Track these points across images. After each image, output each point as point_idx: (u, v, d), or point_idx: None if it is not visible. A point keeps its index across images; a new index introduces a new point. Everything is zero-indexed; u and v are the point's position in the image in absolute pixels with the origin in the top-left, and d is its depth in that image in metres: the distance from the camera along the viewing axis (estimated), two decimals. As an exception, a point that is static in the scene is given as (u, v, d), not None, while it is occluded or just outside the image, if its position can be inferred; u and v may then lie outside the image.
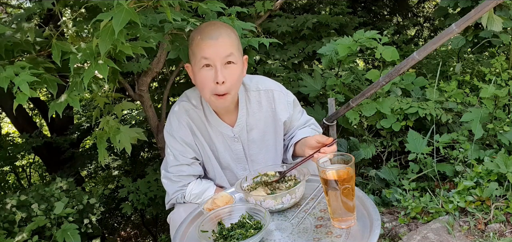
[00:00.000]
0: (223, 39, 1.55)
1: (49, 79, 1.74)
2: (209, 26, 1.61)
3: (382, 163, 2.79)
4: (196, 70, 1.60)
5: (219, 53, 1.55)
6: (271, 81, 1.81)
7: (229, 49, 1.57)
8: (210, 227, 1.40)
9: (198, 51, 1.56)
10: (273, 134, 1.80)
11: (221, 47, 1.55)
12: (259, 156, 1.82)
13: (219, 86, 1.56)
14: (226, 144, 1.77)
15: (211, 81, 1.56)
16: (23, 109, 5.64)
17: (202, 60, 1.56)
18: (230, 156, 1.80)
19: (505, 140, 2.35)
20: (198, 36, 1.58)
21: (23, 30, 1.80)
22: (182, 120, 1.72)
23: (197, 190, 1.75)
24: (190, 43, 1.63)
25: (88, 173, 6.28)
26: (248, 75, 1.78)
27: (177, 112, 1.74)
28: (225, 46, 1.56)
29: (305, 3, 5.43)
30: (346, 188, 1.27)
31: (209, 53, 1.54)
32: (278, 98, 1.77)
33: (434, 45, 2.28)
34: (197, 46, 1.57)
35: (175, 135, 1.72)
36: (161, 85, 4.49)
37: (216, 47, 1.54)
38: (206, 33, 1.56)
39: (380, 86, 2.50)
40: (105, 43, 1.42)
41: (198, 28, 1.64)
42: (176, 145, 1.73)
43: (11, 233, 2.44)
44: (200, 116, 1.73)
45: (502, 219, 1.90)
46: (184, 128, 1.72)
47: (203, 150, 1.77)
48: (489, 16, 2.33)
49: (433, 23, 6.55)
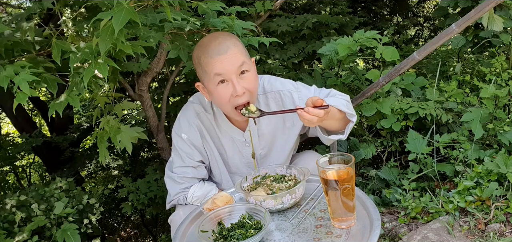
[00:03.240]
0: (232, 51, 1.52)
1: (49, 79, 1.74)
2: (213, 41, 1.55)
3: (382, 163, 2.79)
4: (212, 88, 1.55)
5: (232, 66, 1.51)
6: (278, 82, 1.77)
7: (241, 59, 1.53)
8: (210, 227, 1.40)
9: (209, 69, 1.52)
10: (283, 136, 1.78)
11: (232, 59, 1.51)
12: (268, 159, 1.80)
13: (239, 98, 1.53)
14: (236, 148, 1.75)
15: (230, 96, 1.53)
16: (23, 109, 5.64)
17: (216, 77, 1.52)
18: (239, 160, 1.78)
19: (505, 140, 2.35)
20: (205, 55, 1.52)
21: (23, 30, 1.80)
22: (193, 122, 1.70)
23: (199, 192, 1.74)
24: (197, 64, 1.58)
25: (88, 173, 6.28)
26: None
27: (187, 114, 1.72)
28: (236, 57, 1.52)
29: (305, 3, 5.43)
30: (346, 188, 1.27)
31: (222, 68, 1.50)
32: (285, 99, 1.73)
33: (434, 45, 2.28)
34: (207, 65, 1.52)
35: (184, 137, 1.70)
36: (161, 85, 4.49)
37: (227, 61, 1.50)
38: (212, 49, 1.52)
39: (380, 86, 2.50)
40: (105, 43, 1.41)
41: (200, 46, 1.58)
42: (184, 147, 1.71)
43: (11, 233, 2.43)
44: (211, 120, 1.71)
45: (502, 219, 1.90)
46: (194, 131, 1.70)
47: (211, 153, 1.76)
48: (489, 16, 2.33)
49: (433, 23, 6.55)
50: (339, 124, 1.63)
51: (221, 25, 1.85)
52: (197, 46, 1.61)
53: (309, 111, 1.38)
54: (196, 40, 2.03)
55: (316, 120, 1.39)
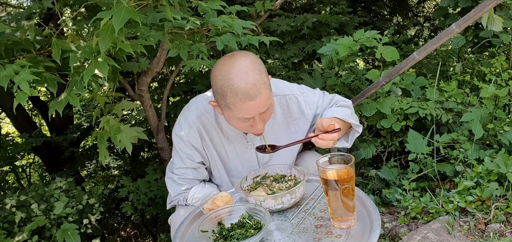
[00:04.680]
0: (261, 97, 1.43)
1: (49, 78, 1.74)
2: (244, 81, 1.40)
3: (382, 163, 2.79)
4: (232, 122, 1.52)
5: (260, 110, 1.47)
6: (285, 86, 1.74)
7: (268, 102, 1.48)
8: (210, 227, 1.40)
9: (236, 110, 1.45)
10: (288, 140, 1.73)
11: (261, 104, 1.45)
12: (271, 163, 1.78)
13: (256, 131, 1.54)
14: (238, 151, 1.74)
15: (248, 128, 1.53)
16: (23, 109, 5.64)
17: (241, 118, 1.47)
18: (241, 165, 1.76)
19: (505, 140, 2.35)
20: (234, 95, 1.41)
21: (23, 29, 1.80)
22: (193, 124, 1.68)
23: (200, 194, 1.73)
24: (220, 94, 1.45)
25: (88, 173, 6.28)
26: None
27: (188, 115, 1.70)
28: (264, 102, 1.46)
29: (305, 2, 5.43)
30: (346, 188, 1.27)
31: (249, 113, 1.45)
32: (291, 104, 1.72)
33: (434, 45, 2.28)
34: (234, 106, 1.43)
35: (184, 138, 1.68)
36: (161, 85, 4.49)
37: (257, 108, 1.45)
38: (243, 93, 1.40)
39: (380, 86, 2.50)
40: (105, 42, 1.42)
41: (227, 79, 1.42)
42: (184, 148, 1.70)
43: (11, 233, 2.43)
44: (212, 123, 1.69)
45: (502, 219, 1.90)
46: (194, 132, 1.68)
47: (211, 156, 1.74)
48: (489, 16, 2.33)
49: (433, 23, 6.55)
50: (344, 132, 1.66)
51: (221, 24, 1.85)
52: (222, 75, 1.44)
53: (324, 138, 1.44)
54: (196, 40, 2.03)
55: (332, 144, 1.46)
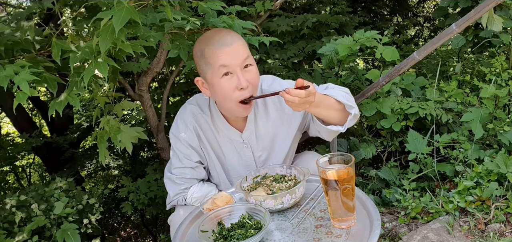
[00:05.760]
0: (237, 44, 1.52)
1: (49, 78, 1.74)
2: (218, 34, 1.55)
3: (382, 163, 2.79)
4: (215, 82, 1.54)
5: (237, 59, 1.51)
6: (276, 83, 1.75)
7: (246, 52, 1.54)
8: (210, 227, 1.40)
9: (214, 60, 1.51)
10: (282, 137, 1.76)
11: (238, 52, 1.51)
12: (268, 161, 1.79)
13: (244, 92, 1.52)
14: (235, 150, 1.74)
15: (234, 89, 1.52)
16: (23, 109, 5.64)
17: (221, 69, 1.51)
18: (238, 163, 1.77)
19: (505, 140, 2.35)
20: (210, 46, 1.52)
21: (23, 29, 1.80)
22: (189, 123, 1.70)
23: (198, 193, 1.74)
24: (200, 56, 1.56)
25: (88, 173, 6.27)
26: None
27: (184, 115, 1.72)
28: (241, 50, 1.53)
29: (305, 2, 5.43)
30: (346, 188, 1.27)
31: (228, 60, 1.50)
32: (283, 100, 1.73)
33: (434, 45, 2.28)
34: (212, 57, 1.51)
35: (181, 138, 1.70)
36: (161, 85, 4.49)
37: (233, 54, 1.50)
38: (218, 41, 1.51)
39: (380, 86, 2.50)
40: (105, 42, 1.42)
41: (203, 40, 1.57)
42: (181, 148, 1.71)
43: (11, 233, 2.43)
44: (208, 122, 1.70)
45: (502, 219, 1.90)
46: (191, 132, 1.70)
47: (208, 155, 1.75)
48: (489, 16, 2.33)
49: (433, 23, 6.55)
50: (339, 115, 1.60)
51: (221, 24, 1.85)
52: (199, 40, 1.59)
53: (290, 92, 1.37)
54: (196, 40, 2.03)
55: (297, 100, 1.37)
